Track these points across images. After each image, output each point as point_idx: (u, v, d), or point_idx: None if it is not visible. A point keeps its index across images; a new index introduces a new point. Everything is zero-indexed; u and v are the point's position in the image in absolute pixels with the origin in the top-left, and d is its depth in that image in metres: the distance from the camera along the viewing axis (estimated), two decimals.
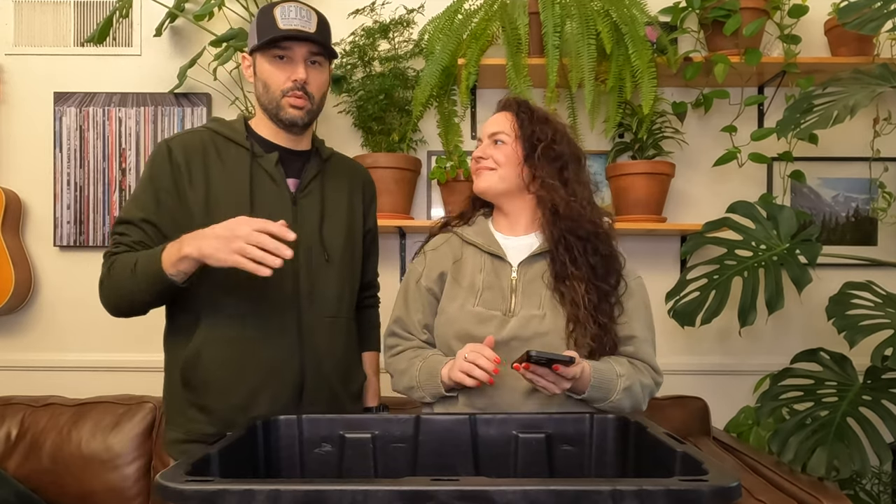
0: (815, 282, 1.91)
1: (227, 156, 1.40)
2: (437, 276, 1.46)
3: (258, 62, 1.39)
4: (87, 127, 2.41)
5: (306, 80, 1.36)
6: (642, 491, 0.72)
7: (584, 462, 1.14)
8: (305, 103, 1.38)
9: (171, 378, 1.42)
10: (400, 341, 1.48)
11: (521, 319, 1.35)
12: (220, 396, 1.36)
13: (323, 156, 1.50)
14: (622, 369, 1.32)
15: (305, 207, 1.42)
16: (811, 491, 1.58)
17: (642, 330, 1.40)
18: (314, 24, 1.36)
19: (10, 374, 2.41)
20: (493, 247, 1.43)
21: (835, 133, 2.18)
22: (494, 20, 2.18)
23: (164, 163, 1.37)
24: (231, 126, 1.44)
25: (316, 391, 1.41)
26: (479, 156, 1.44)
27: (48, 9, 2.44)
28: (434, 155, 2.39)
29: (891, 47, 2.26)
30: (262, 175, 1.40)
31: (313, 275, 1.41)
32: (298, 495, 0.72)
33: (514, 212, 1.45)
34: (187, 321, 1.38)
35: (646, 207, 2.21)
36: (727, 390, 2.38)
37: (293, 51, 1.35)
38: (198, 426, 1.37)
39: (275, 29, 1.34)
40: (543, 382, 1.22)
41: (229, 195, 1.37)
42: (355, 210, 1.53)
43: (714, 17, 2.17)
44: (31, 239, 2.44)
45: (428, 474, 1.08)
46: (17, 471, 2.01)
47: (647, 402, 1.38)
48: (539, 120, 1.43)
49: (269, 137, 1.44)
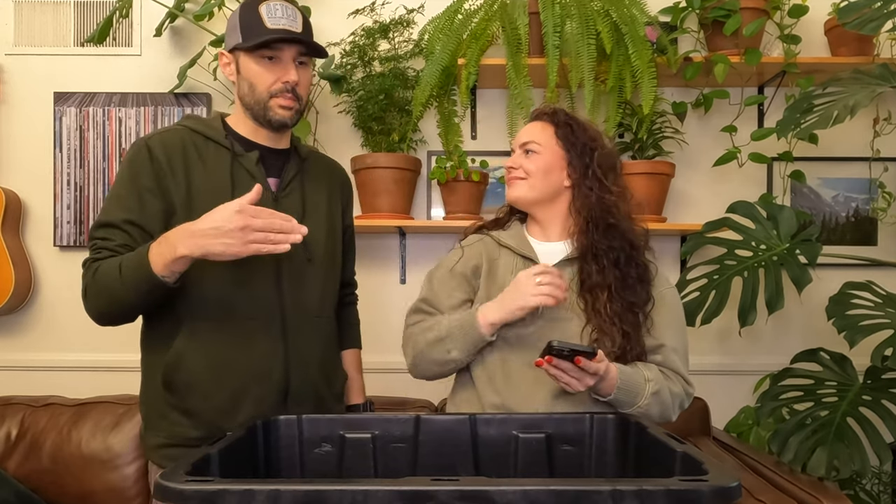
0: (815, 282, 1.91)
1: (207, 154, 1.37)
2: (473, 267, 1.46)
3: (243, 61, 1.35)
4: (87, 127, 2.41)
5: (297, 82, 1.34)
6: (642, 491, 0.72)
7: (584, 462, 1.14)
8: (294, 104, 1.36)
9: (150, 382, 1.38)
10: (425, 317, 1.45)
11: (547, 322, 1.35)
12: (204, 400, 1.32)
13: (301, 154, 1.47)
14: (651, 374, 1.32)
15: (286, 207, 1.38)
16: (811, 491, 1.58)
17: (672, 339, 1.38)
18: (300, 23, 1.33)
19: (10, 374, 2.41)
20: (525, 249, 1.43)
21: (835, 133, 2.18)
22: (494, 20, 2.18)
23: (146, 161, 1.32)
24: (208, 124, 1.41)
25: (301, 393, 1.38)
26: (510, 165, 1.45)
27: (48, 9, 2.44)
28: (434, 155, 2.39)
29: (891, 47, 2.26)
30: (242, 174, 1.37)
31: (296, 275, 1.39)
32: (298, 495, 0.72)
33: (546, 219, 1.46)
34: (167, 323, 1.34)
35: (646, 207, 2.21)
36: (727, 390, 2.38)
37: (282, 52, 1.32)
38: (181, 430, 1.33)
39: (262, 28, 1.30)
40: (567, 378, 1.21)
41: (211, 194, 1.32)
42: (334, 209, 1.51)
43: (714, 17, 2.17)
44: (31, 239, 2.44)
45: (428, 474, 1.07)
46: (17, 471, 2.01)
47: (677, 413, 1.36)
48: (582, 129, 1.44)
49: (248, 136, 1.41)
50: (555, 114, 1.46)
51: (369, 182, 2.21)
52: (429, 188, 2.43)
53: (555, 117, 1.45)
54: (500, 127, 2.40)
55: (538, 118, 1.48)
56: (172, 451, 1.34)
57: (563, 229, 1.45)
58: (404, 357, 1.46)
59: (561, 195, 1.43)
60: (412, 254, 2.44)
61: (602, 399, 1.29)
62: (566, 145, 1.42)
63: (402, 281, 2.42)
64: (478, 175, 2.21)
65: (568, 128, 1.43)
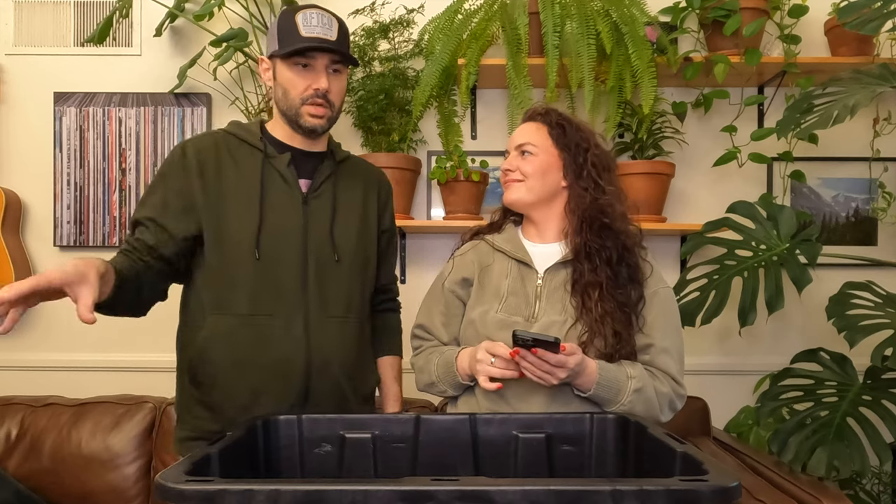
0: (815, 282, 1.91)
1: (239, 156, 1.41)
2: (461, 280, 1.47)
3: (279, 68, 1.38)
4: (87, 127, 2.41)
5: (328, 89, 1.36)
6: (642, 491, 0.72)
7: (584, 462, 1.14)
8: (326, 111, 1.38)
9: (181, 378, 1.44)
10: (422, 342, 1.50)
11: (543, 325, 1.34)
12: (226, 395, 1.36)
13: (337, 158, 1.50)
14: (634, 371, 1.31)
15: (316, 208, 1.42)
16: (811, 491, 1.58)
17: (662, 339, 1.36)
18: (335, 32, 1.36)
19: (10, 374, 2.41)
20: (519, 253, 1.43)
21: (835, 133, 2.18)
22: (494, 20, 2.18)
23: (177, 163, 1.39)
24: (246, 128, 1.45)
25: (323, 392, 1.40)
26: (507, 168, 1.44)
27: (48, 9, 2.44)
28: (434, 155, 2.40)
29: (891, 47, 2.26)
30: (273, 175, 1.40)
31: (322, 275, 1.41)
32: (298, 495, 0.72)
33: (542, 221, 1.45)
34: (195, 319, 1.40)
35: (646, 207, 2.21)
36: (727, 390, 2.38)
37: (315, 59, 1.35)
38: (204, 423, 1.37)
39: (297, 36, 1.33)
40: (539, 372, 1.21)
41: (240, 193, 1.37)
42: (369, 211, 1.53)
43: (714, 17, 2.17)
44: (31, 239, 2.44)
45: (428, 474, 1.07)
46: (17, 471, 2.01)
47: (667, 413, 1.35)
48: (575, 129, 1.43)
49: (283, 139, 1.44)
50: (548, 114, 1.45)
51: None
52: (429, 188, 2.43)
53: (548, 118, 1.45)
54: (500, 127, 2.40)
55: (532, 119, 1.47)
56: (196, 445, 1.36)
57: (559, 230, 1.44)
58: None
59: (557, 196, 1.43)
60: (412, 254, 2.44)
61: (583, 395, 1.29)
62: (561, 146, 1.42)
63: (402, 281, 2.42)
64: (478, 175, 2.21)
65: (561, 128, 1.42)
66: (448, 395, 1.44)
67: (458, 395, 1.42)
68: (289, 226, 1.39)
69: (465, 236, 1.57)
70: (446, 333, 1.47)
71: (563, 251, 1.42)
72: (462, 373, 1.36)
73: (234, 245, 1.36)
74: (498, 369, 1.26)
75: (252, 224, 1.36)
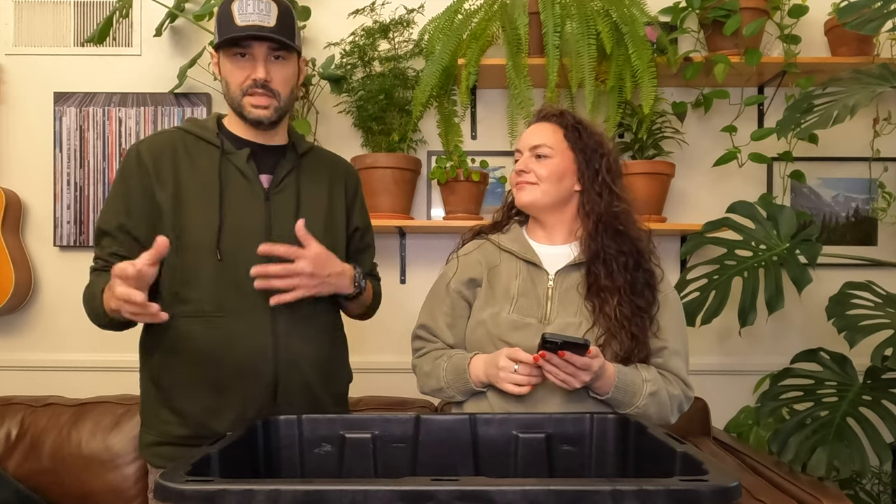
0: (815, 282, 1.91)
1: (196, 154, 1.37)
2: (468, 281, 1.44)
3: (221, 60, 1.35)
4: (87, 127, 2.41)
5: (267, 79, 1.32)
6: (642, 491, 0.72)
7: (584, 462, 1.14)
8: (270, 101, 1.33)
9: (145, 380, 1.40)
10: (425, 343, 1.47)
11: (557, 327, 1.33)
12: (190, 397, 1.32)
13: (299, 150, 1.45)
14: (649, 375, 1.32)
15: (279, 203, 1.38)
16: (811, 491, 1.58)
17: (674, 342, 1.37)
18: (274, 18, 1.29)
19: (10, 374, 2.41)
20: (528, 254, 1.41)
21: (835, 133, 2.18)
22: (494, 20, 2.18)
23: (134, 165, 1.35)
24: (202, 125, 1.41)
25: (292, 393, 1.36)
26: (521, 169, 1.41)
27: (48, 9, 2.44)
28: (434, 155, 2.39)
29: (891, 47, 2.26)
30: (232, 172, 1.36)
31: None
32: (298, 495, 0.72)
33: (552, 223, 1.44)
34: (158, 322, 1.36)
35: (646, 207, 2.20)
36: (727, 390, 2.38)
37: (252, 48, 1.31)
38: (170, 428, 1.34)
39: (232, 25, 1.28)
40: (563, 375, 1.21)
41: (199, 193, 1.33)
42: (335, 204, 1.48)
43: (714, 17, 2.17)
44: (31, 239, 2.44)
45: (428, 474, 1.07)
46: (17, 471, 2.01)
47: (676, 415, 1.35)
48: (589, 133, 1.41)
49: (240, 134, 1.40)
50: (563, 116, 1.43)
51: (369, 182, 2.21)
52: (429, 188, 2.43)
53: (563, 119, 1.42)
54: (500, 127, 2.39)
55: (546, 119, 1.44)
56: (162, 450, 1.34)
57: (568, 232, 1.43)
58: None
59: (571, 200, 1.41)
60: (412, 254, 2.44)
61: (599, 398, 1.29)
62: (577, 149, 1.39)
63: (402, 281, 2.42)
64: (478, 175, 2.21)
65: (577, 132, 1.40)
66: (455, 401, 1.42)
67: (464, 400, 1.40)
68: (250, 224, 1.34)
69: (466, 236, 1.55)
70: (451, 335, 1.44)
71: (573, 253, 1.41)
72: (476, 380, 1.34)
73: (194, 247, 1.32)
74: (523, 376, 1.25)
75: (212, 224, 1.32)
